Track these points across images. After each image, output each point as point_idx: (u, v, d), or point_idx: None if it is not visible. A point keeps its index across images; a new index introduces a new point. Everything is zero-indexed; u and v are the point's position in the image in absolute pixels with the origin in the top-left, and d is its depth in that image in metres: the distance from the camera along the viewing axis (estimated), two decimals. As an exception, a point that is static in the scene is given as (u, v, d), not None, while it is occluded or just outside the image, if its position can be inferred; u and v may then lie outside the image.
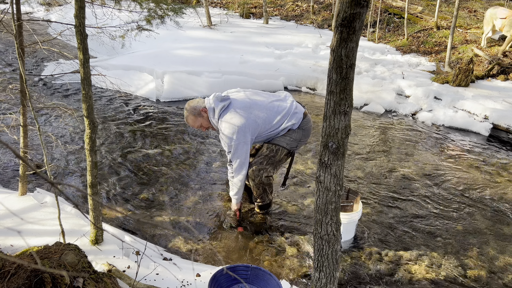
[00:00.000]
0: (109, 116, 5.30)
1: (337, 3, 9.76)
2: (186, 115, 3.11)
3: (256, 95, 3.17)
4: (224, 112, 3.00)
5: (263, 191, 3.28)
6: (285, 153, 3.16)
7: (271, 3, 13.15)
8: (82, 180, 3.80)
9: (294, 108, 3.15)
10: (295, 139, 3.14)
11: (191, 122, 3.11)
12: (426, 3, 11.62)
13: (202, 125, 3.12)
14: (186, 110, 3.11)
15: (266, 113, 3.05)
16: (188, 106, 3.10)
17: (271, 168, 3.18)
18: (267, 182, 3.22)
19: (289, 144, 3.13)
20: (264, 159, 3.15)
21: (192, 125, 3.13)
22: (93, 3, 3.72)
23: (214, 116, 3.02)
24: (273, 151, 3.13)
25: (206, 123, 3.11)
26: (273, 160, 3.15)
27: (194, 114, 3.08)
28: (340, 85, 1.50)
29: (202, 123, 3.11)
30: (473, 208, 3.72)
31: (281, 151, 3.14)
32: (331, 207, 1.69)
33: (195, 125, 3.12)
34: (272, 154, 3.14)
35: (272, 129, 3.10)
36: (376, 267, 2.95)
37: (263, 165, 3.14)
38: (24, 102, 2.79)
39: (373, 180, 4.11)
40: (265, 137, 3.15)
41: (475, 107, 5.89)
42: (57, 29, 8.14)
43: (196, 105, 3.09)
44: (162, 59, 7.20)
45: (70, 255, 1.78)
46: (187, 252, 3.00)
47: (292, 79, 7.02)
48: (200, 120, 3.09)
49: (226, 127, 2.96)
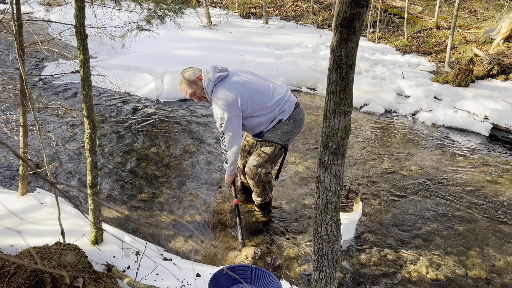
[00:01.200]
0: (109, 116, 5.30)
1: (337, 3, 9.76)
2: (180, 80, 3.00)
3: (255, 75, 3.13)
4: (220, 83, 2.93)
5: (263, 190, 3.27)
6: (279, 148, 3.12)
7: (271, 3, 13.15)
8: (82, 180, 3.80)
9: (288, 96, 3.10)
10: (286, 132, 3.09)
11: (184, 88, 2.99)
12: (426, 3, 11.61)
13: (196, 93, 3.00)
14: (181, 76, 3.00)
15: (262, 93, 3.00)
16: (184, 72, 3.00)
17: (268, 164, 3.15)
18: (266, 180, 3.21)
19: (281, 138, 3.09)
20: (260, 157, 3.12)
21: (185, 92, 3.01)
22: (93, 3, 3.72)
23: (209, 85, 2.93)
24: (267, 147, 3.11)
25: (200, 92, 3.00)
26: (268, 157, 3.12)
27: (189, 80, 2.97)
28: (340, 85, 1.50)
29: (196, 91, 2.99)
30: (473, 208, 3.72)
31: (275, 146, 3.10)
32: (331, 207, 1.69)
33: (187, 93, 3.00)
34: (267, 151, 3.11)
35: (265, 112, 3.01)
36: (376, 267, 2.95)
37: (260, 162, 3.12)
38: (24, 102, 2.79)
39: (373, 180, 4.11)
40: (256, 121, 3.05)
41: (475, 107, 5.89)
42: (57, 29, 8.14)
43: (192, 72, 2.99)
44: (162, 59, 7.20)
45: (70, 255, 1.78)
46: (187, 252, 3.00)
47: (292, 79, 7.02)
48: (194, 88, 2.98)
49: (220, 97, 2.88)
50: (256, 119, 3.04)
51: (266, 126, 3.09)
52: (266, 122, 3.07)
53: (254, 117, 3.04)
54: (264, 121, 3.06)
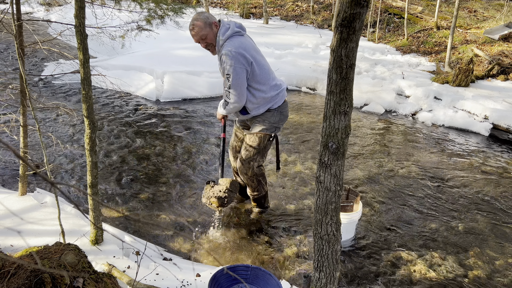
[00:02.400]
0: (109, 116, 5.30)
1: (337, 3, 9.76)
2: (194, 20, 2.77)
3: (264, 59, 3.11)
4: (237, 36, 2.81)
5: (258, 183, 3.25)
6: (267, 139, 3.10)
7: (271, 3, 13.15)
8: (82, 180, 3.80)
9: (283, 87, 3.12)
10: (273, 123, 3.07)
11: (197, 29, 2.76)
12: (426, 3, 11.61)
13: (207, 38, 2.79)
14: (196, 15, 2.79)
15: (267, 70, 2.98)
16: (201, 13, 2.81)
17: (259, 157, 3.14)
18: (259, 173, 3.20)
19: (268, 129, 3.07)
20: (249, 150, 3.10)
21: (196, 32, 2.77)
22: (93, 3, 3.72)
23: (225, 34, 2.77)
24: (256, 140, 3.08)
25: (211, 38, 2.80)
26: (258, 149, 3.10)
27: (205, 22, 2.76)
28: (340, 85, 1.50)
29: (208, 36, 2.78)
30: (473, 208, 3.72)
31: (264, 137, 3.07)
32: (331, 207, 1.69)
33: (199, 34, 2.77)
34: (256, 142, 3.08)
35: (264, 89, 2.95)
36: (376, 267, 2.95)
37: (250, 156, 3.10)
38: (24, 102, 2.79)
39: (373, 180, 4.11)
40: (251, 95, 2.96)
41: (475, 107, 5.89)
42: (57, 29, 8.14)
43: (209, 15, 2.82)
44: (162, 59, 7.20)
45: (70, 255, 1.78)
46: (187, 252, 3.00)
47: (292, 79, 7.02)
48: (207, 31, 2.77)
49: (234, 48, 2.75)
50: (254, 91, 2.95)
51: (257, 107, 3.01)
52: (259, 102, 2.99)
53: (253, 89, 2.94)
54: (258, 100, 2.98)
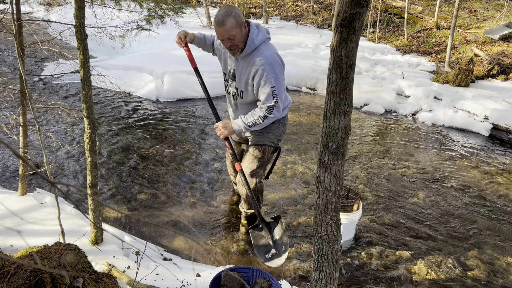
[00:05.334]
0: (109, 116, 5.30)
1: (337, 3, 9.76)
2: (225, 15, 2.41)
3: None
4: (267, 41, 2.58)
5: (256, 200, 2.98)
6: (272, 151, 2.89)
7: (271, 3, 13.15)
8: (82, 180, 3.80)
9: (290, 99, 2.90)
10: (277, 135, 2.85)
11: (229, 26, 2.41)
12: (426, 3, 11.61)
13: (235, 38, 2.45)
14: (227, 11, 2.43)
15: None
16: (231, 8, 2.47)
17: (262, 171, 2.95)
18: (260, 189, 3.01)
19: (273, 141, 2.85)
20: (253, 163, 2.88)
21: (226, 29, 2.41)
22: (93, 3, 3.72)
23: (257, 37, 2.50)
24: (260, 151, 2.84)
25: (239, 40, 2.47)
26: (262, 162, 2.89)
27: (237, 21, 2.43)
28: (340, 85, 1.50)
29: (236, 36, 2.45)
30: (473, 208, 3.72)
31: (268, 149, 2.85)
32: (331, 207, 1.69)
33: (230, 33, 2.42)
34: (260, 155, 2.85)
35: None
36: (376, 267, 2.95)
37: (254, 169, 2.88)
38: (24, 102, 2.79)
39: (373, 180, 4.11)
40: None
41: (475, 107, 5.89)
42: (57, 29, 8.14)
43: (240, 13, 2.49)
44: (162, 59, 7.20)
45: (70, 255, 1.78)
46: (187, 252, 3.00)
47: (292, 79, 7.02)
48: (237, 31, 2.44)
49: (275, 55, 2.52)
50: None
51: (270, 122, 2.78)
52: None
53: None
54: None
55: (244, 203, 3.10)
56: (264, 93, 2.52)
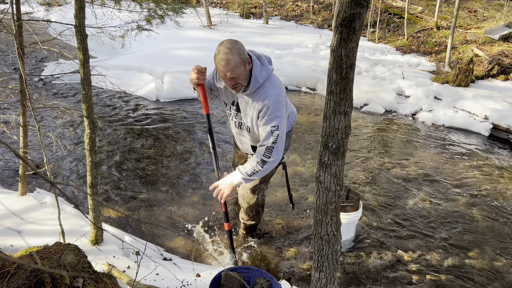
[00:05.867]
0: (109, 116, 5.30)
1: (337, 3, 9.76)
2: (228, 53, 2.19)
3: None
4: (271, 77, 2.38)
5: (257, 213, 3.00)
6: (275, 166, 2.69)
7: (271, 3, 13.15)
8: (82, 180, 3.80)
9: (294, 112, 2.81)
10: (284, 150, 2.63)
11: (233, 65, 2.20)
12: (426, 3, 11.61)
13: (239, 77, 2.25)
14: (230, 48, 2.20)
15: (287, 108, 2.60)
16: (234, 44, 2.23)
17: (264, 185, 2.87)
18: (261, 204, 2.96)
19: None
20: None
21: (230, 69, 2.20)
22: (93, 3, 3.72)
23: (261, 75, 2.32)
24: None
25: (243, 78, 2.28)
26: (265, 178, 2.78)
27: (241, 58, 2.22)
28: (340, 85, 1.50)
29: (241, 75, 2.25)
30: (473, 208, 3.72)
31: None
32: (331, 207, 1.69)
33: (234, 72, 2.22)
34: None
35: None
36: (376, 267, 2.95)
37: (256, 184, 2.79)
38: (24, 102, 2.79)
39: (373, 180, 4.11)
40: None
41: (475, 107, 5.89)
42: (57, 29, 8.14)
43: (243, 48, 2.26)
44: (162, 59, 7.20)
45: (70, 255, 1.78)
46: (187, 252, 3.00)
47: (292, 79, 7.02)
48: (241, 70, 2.24)
49: (278, 95, 2.33)
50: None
51: None
52: None
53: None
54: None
55: (244, 214, 3.05)
56: (265, 131, 2.37)
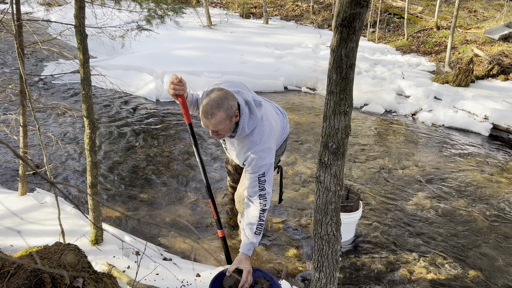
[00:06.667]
0: (109, 116, 5.30)
1: (337, 3, 9.76)
2: (215, 108, 2.13)
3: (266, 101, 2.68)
4: (261, 123, 2.32)
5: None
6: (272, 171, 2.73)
7: (271, 3, 13.14)
8: (82, 180, 3.80)
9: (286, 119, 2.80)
10: (278, 155, 2.78)
11: (217, 120, 2.14)
12: (426, 3, 11.61)
13: (222, 130, 2.22)
14: (218, 103, 2.13)
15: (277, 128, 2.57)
16: (224, 99, 2.15)
17: None
18: None
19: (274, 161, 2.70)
20: None
21: (212, 123, 2.16)
22: (93, 3, 3.72)
23: (248, 125, 2.27)
24: None
25: (226, 131, 2.24)
26: None
27: (227, 114, 2.17)
28: (340, 85, 1.50)
29: (224, 128, 2.21)
30: (473, 208, 3.72)
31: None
32: (331, 207, 1.69)
33: (215, 127, 2.18)
34: None
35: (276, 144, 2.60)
36: (376, 267, 2.95)
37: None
38: (24, 102, 2.79)
39: (373, 180, 4.11)
40: None
41: (475, 107, 5.89)
42: (57, 29, 8.14)
43: (231, 104, 2.18)
44: (162, 59, 7.20)
45: (70, 255, 1.78)
46: (187, 252, 3.00)
47: (292, 79, 7.02)
48: (225, 125, 2.20)
49: (264, 144, 2.30)
50: None
51: None
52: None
53: None
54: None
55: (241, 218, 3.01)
56: (251, 179, 2.32)
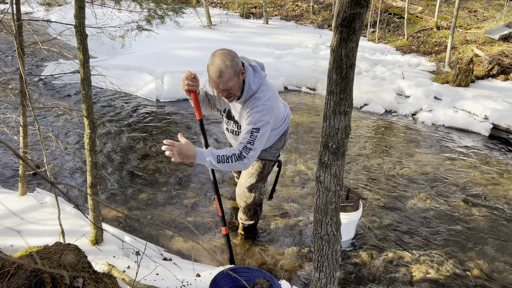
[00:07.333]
0: (109, 116, 5.30)
1: (337, 3, 9.76)
2: (222, 66, 2.20)
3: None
4: (264, 84, 2.40)
5: (255, 213, 3.00)
6: (271, 165, 2.84)
7: (271, 3, 13.14)
8: (82, 180, 3.80)
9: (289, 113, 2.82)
10: (279, 148, 2.82)
11: (226, 78, 2.21)
12: (426, 3, 11.61)
13: (232, 89, 2.27)
14: (224, 60, 2.20)
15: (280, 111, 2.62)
16: (228, 56, 2.22)
17: (262, 184, 2.88)
18: (259, 202, 2.97)
19: (274, 155, 2.81)
20: (252, 177, 2.80)
21: (224, 82, 2.22)
22: (93, 3, 3.72)
23: (254, 83, 2.34)
24: (260, 167, 2.78)
25: (237, 89, 2.29)
26: (261, 176, 2.81)
27: (235, 71, 2.23)
28: (340, 85, 1.50)
29: (234, 86, 2.27)
30: (473, 208, 3.72)
31: (268, 164, 2.80)
32: (331, 207, 1.69)
33: (227, 84, 2.24)
34: (260, 170, 2.78)
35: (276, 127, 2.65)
36: (376, 267, 2.95)
37: (253, 183, 2.81)
38: (24, 102, 2.79)
39: (373, 180, 4.11)
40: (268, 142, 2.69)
41: (475, 107, 5.89)
42: (57, 29, 8.14)
43: (237, 59, 2.26)
44: (162, 59, 7.20)
45: (70, 255, 1.78)
46: (187, 252, 3.00)
47: (292, 79, 7.02)
48: (234, 82, 2.25)
49: (266, 100, 2.34)
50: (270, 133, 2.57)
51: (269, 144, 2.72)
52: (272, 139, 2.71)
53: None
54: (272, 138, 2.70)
55: (242, 214, 3.05)
56: (245, 129, 2.34)
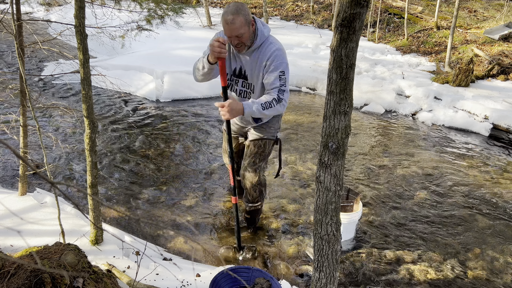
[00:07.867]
0: (109, 116, 5.30)
1: (337, 3, 9.76)
2: (235, 13, 2.42)
3: None
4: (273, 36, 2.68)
5: (260, 193, 3.06)
6: (272, 144, 3.00)
7: (271, 3, 13.14)
8: (82, 180, 3.80)
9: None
10: (277, 128, 2.98)
11: (238, 24, 2.43)
12: (426, 3, 11.61)
13: (243, 36, 2.50)
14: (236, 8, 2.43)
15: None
16: (241, 6, 2.47)
17: (264, 163, 3.01)
18: (264, 183, 3.04)
19: (273, 134, 2.97)
20: (255, 157, 2.94)
21: (236, 28, 2.44)
22: (93, 3, 3.72)
23: (264, 31, 2.60)
24: (261, 146, 2.93)
25: (247, 38, 2.53)
26: (263, 155, 2.96)
27: (246, 19, 2.47)
28: (340, 85, 1.50)
29: (245, 35, 2.49)
30: (473, 208, 3.72)
31: (268, 143, 2.95)
32: (331, 207, 1.69)
33: (238, 32, 2.45)
34: (261, 149, 2.94)
35: None
36: (376, 267, 2.95)
37: (256, 163, 2.93)
38: (24, 102, 2.79)
39: (373, 180, 4.11)
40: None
41: (475, 107, 5.89)
42: (57, 29, 8.14)
43: (248, 11, 2.51)
44: (162, 59, 7.20)
45: (70, 255, 1.78)
46: (187, 252, 3.00)
47: (292, 79, 7.02)
48: (245, 30, 2.48)
49: (280, 45, 2.64)
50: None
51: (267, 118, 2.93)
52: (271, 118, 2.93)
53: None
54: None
55: (248, 196, 3.10)
56: (273, 76, 2.58)
